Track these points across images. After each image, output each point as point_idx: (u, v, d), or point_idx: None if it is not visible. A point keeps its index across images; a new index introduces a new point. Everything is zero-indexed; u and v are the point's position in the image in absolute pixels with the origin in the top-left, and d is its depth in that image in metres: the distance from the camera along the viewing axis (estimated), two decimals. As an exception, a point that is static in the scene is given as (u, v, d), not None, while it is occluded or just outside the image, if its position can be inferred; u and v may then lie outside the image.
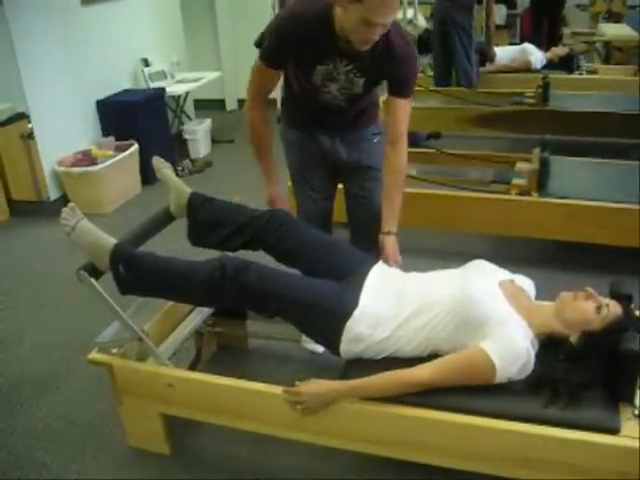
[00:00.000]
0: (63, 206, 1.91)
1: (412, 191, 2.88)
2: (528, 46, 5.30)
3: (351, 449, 1.78)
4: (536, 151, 3.20)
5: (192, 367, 2.22)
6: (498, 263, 1.86)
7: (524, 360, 1.56)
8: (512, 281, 1.78)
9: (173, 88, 4.89)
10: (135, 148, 4.30)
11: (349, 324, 1.71)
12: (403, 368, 1.62)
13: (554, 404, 1.55)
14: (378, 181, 2.15)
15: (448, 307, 1.66)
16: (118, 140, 4.31)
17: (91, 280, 1.81)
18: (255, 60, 1.98)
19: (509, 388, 1.59)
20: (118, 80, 4.60)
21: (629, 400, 1.58)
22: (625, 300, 1.66)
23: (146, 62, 4.82)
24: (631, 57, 5.84)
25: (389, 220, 2.05)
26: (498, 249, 3.23)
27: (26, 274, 3.34)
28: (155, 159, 2.16)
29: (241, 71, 5.61)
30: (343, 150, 2.19)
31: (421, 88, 4.30)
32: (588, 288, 1.64)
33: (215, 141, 5.37)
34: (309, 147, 2.20)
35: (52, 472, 2.02)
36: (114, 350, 1.93)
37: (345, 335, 1.72)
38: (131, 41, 4.75)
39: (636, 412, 1.55)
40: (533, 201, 3.00)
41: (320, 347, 2.24)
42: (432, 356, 1.67)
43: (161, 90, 4.70)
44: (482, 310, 1.61)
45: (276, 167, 2.22)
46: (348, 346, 1.73)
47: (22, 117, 3.89)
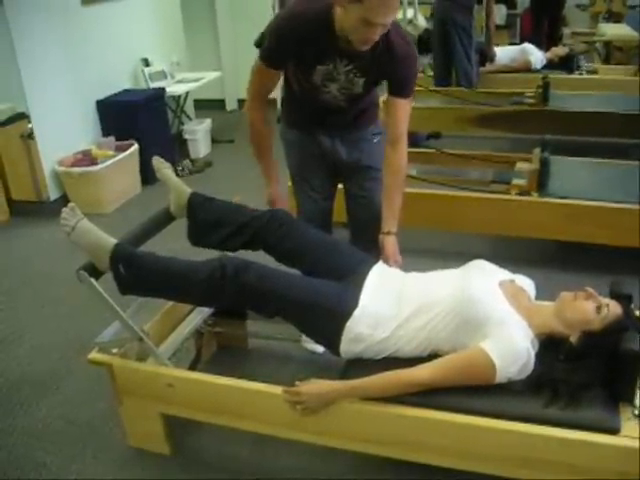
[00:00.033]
0: (63, 206, 1.91)
1: (412, 191, 2.88)
2: (528, 46, 5.30)
3: (351, 449, 1.78)
4: (536, 151, 3.20)
5: (192, 367, 2.22)
6: (498, 263, 1.86)
7: (524, 360, 1.56)
8: (512, 281, 1.78)
9: (173, 88, 4.89)
10: (135, 148, 4.30)
11: (349, 324, 1.71)
12: (403, 368, 1.62)
13: (554, 404, 1.56)
14: (378, 181, 2.15)
15: (448, 307, 1.66)
16: (118, 140, 4.30)
17: (91, 280, 1.81)
18: (255, 60, 1.98)
19: (509, 388, 1.59)
20: (118, 80, 4.60)
21: (629, 400, 1.58)
22: (625, 300, 1.66)
23: (146, 62, 4.82)
24: (631, 57, 5.84)
25: (389, 220, 2.05)
26: (498, 249, 3.23)
27: (26, 274, 3.34)
28: (155, 159, 2.16)
29: (241, 71, 5.61)
30: (343, 150, 2.19)
31: (421, 88, 4.29)
32: (588, 288, 1.64)
33: (215, 141, 5.37)
34: (309, 147, 2.20)
35: (52, 472, 2.02)
36: (114, 350, 1.93)
37: (345, 335, 1.72)
38: (131, 41, 4.75)
39: (636, 412, 1.55)
40: (533, 201, 3.00)
41: (320, 347, 2.25)
42: (432, 356, 1.67)
43: (161, 90, 4.69)
44: (482, 310, 1.61)
45: (276, 167, 2.22)
46: (348, 346, 1.73)
47: (22, 117, 3.89)
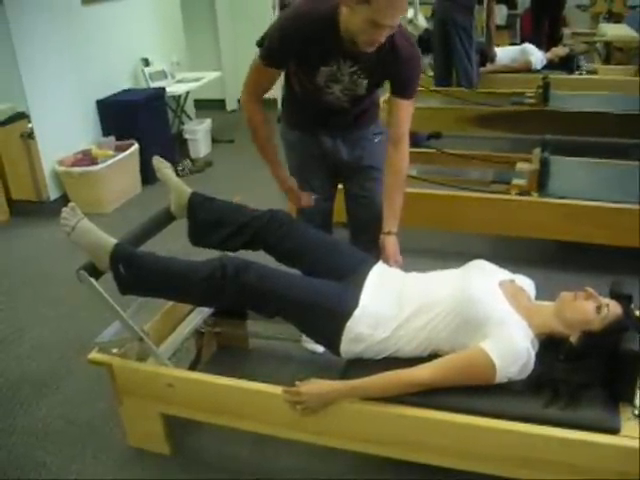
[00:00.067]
0: (63, 206, 1.91)
1: (412, 191, 2.88)
2: (528, 46, 5.30)
3: (351, 449, 1.78)
4: (536, 151, 3.20)
5: (192, 367, 2.22)
6: (498, 263, 1.86)
7: (524, 360, 1.56)
8: (512, 281, 1.78)
9: (173, 88, 4.89)
10: (135, 148, 4.30)
11: (349, 324, 1.71)
12: (403, 368, 1.62)
13: (554, 404, 1.56)
14: (379, 181, 2.15)
15: (448, 307, 1.66)
16: (118, 140, 4.30)
17: (91, 280, 1.81)
18: (255, 57, 1.97)
19: (509, 388, 1.59)
20: (118, 80, 4.60)
21: (629, 400, 1.58)
22: (625, 300, 1.66)
23: (146, 62, 4.82)
24: (631, 57, 5.85)
25: (390, 220, 2.05)
26: (498, 249, 3.23)
27: (26, 274, 3.34)
28: (155, 159, 2.16)
29: (241, 71, 5.52)
30: (344, 150, 2.18)
31: (422, 88, 4.24)
32: (588, 288, 1.64)
33: (215, 141, 5.37)
34: (310, 148, 2.19)
35: (52, 472, 2.02)
36: (114, 350, 1.93)
37: (345, 335, 1.72)
38: (131, 41, 4.75)
39: (636, 412, 1.55)
40: (533, 201, 3.00)
41: (320, 347, 2.24)
42: (432, 356, 1.67)
43: (161, 90, 4.69)
44: (482, 310, 1.61)
45: (276, 151, 2.17)
46: (348, 346, 1.73)
47: (22, 117, 3.89)
